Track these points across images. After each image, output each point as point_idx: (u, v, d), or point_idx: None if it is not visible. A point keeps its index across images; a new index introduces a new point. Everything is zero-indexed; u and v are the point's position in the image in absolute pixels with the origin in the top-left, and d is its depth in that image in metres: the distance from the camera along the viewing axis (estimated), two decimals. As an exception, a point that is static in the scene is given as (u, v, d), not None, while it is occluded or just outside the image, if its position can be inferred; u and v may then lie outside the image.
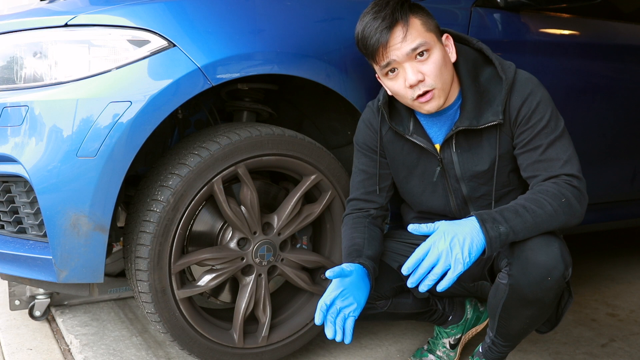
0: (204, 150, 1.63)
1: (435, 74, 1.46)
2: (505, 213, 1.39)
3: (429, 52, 1.45)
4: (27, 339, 2.13)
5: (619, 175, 2.40)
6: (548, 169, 1.47)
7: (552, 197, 1.41)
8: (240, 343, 1.80)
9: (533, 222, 1.39)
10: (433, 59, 1.45)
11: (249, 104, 1.89)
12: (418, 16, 1.47)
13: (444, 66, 1.47)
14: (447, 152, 1.57)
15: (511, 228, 1.37)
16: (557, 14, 2.19)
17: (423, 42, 1.44)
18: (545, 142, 1.47)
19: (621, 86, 2.32)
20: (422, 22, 1.47)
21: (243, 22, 1.62)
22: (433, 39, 1.47)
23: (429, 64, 1.45)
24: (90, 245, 1.54)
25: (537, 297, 1.42)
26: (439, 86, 1.47)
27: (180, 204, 1.62)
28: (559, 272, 1.39)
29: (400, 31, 1.44)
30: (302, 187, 1.81)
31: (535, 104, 1.48)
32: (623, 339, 2.15)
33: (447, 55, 1.50)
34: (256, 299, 1.82)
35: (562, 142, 1.48)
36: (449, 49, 1.52)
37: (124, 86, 1.50)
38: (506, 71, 1.51)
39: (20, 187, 1.57)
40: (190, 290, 1.71)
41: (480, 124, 1.50)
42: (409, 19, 1.44)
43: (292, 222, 1.82)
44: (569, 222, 1.43)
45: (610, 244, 3.48)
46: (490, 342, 1.64)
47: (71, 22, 1.54)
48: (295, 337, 1.90)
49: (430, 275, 1.32)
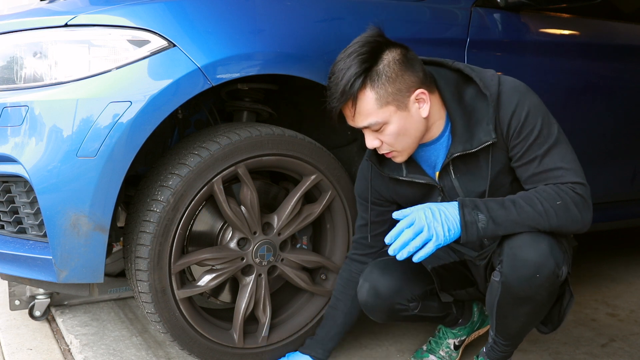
0: (204, 150, 1.63)
1: (392, 142, 1.46)
2: (490, 203, 1.41)
3: (384, 126, 1.44)
4: (27, 339, 2.13)
5: (619, 175, 2.40)
6: (548, 179, 1.45)
7: (546, 198, 1.41)
8: (240, 343, 1.80)
9: (518, 218, 1.39)
10: (389, 131, 1.45)
11: (249, 104, 1.89)
12: (375, 88, 1.41)
13: (403, 133, 1.45)
14: (447, 179, 1.56)
15: (491, 218, 1.39)
16: (557, 14, 2.19)
17: (374, 122, 1.43)
18: (540, 153, 1.45)
19: (621, 86, 2.32)
20: (377, 96, 1.41)
21: (243, 22, 1.62)
22: (389, 112, 1.43)
23: (385, 136, 1.46)
24: (90, 245, 1.54)
25: (528, 294, 1.42)
26: (399, 149, 1.48)
27: (180, 204, 1.62)
28: (548, 270, 1.39)
29: (350, 109, 1.44)
30: (302, 187, 1.81)
31: (524, 116, 1.44)
32: (623, 339, 2.15)
33: (412, 117, 1.45)
34: (256, 299, 1.82)
35: (559, 149, 1.45)
36: (423, 104, 1.46)
37: (124, 86, 1.50)
38: (489, 87, 1.46)
39: (20, 187, 1.57)
40: (190, 290, 1.71)
41: (474, 147, 1.47)
42: (358, 95, 1.41)
43: (292, 222, 1.82)
44: (564, 226, 1.42)
45: (610, 244, 3.48)
46: (492, 342, 1.64)
47: (71, 22, 1.54)
48: (295, 337, 1.90)
49: (411, 244, 1.38)
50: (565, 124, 1.51)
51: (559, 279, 1.42)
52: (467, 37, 1.92)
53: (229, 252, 1.76)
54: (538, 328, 1.61)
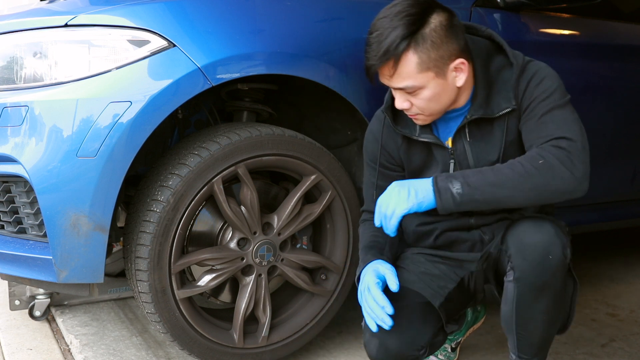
0: (204, 151, 1.63)
1: (423, 106, 1.43)
2: (467, 171, 1.40)
3: (419, 90, 1.41)
4: (27, 339, 2.13)
5: (619, 175, 2.40)
6: (540, 135, 1.39)
7: (527, 159, 1.36)
8: (240, 343, 1.80)
9: (495, 179, 1.35)
10: (422, 96, 1.42)
11: (249, 104, 1.89)
12: (418, 52, 1.38)
13: (436, 100, 1.43)
14: (460, 143, 1.52)
15: (467, 183, 1.36)
16: (557, 14, 2.19)
17: (410, 85, 1.40)
18: (544, 110, 1.41)
19: (621, 86, 2.31)
20: (420, 61, 1.38)
21: (243, 22, 1.62)
22: (427, 78, 1.40)
23: (417, 99, 1.43)
24: (90, 246, 1.54)
25: (544, 280, 1.39)
26: (427, 113, 1.45)
27: (180, 204, 1.62)
28: (557, 249, 1.37)
29: (390, 69, 1.40)
30: (302, 187, 1.81)
31: (540, 79, 1.43)
32: (623, 339, 2.15)
33: (448, 85, 1.43)
34: (256, 299, 1.82)
35: (564, 111, 1.41)
36: (460, 73, 1.43)
37: (124, 86, 1.50)
38: (517, 57, 1.47)
39: (20, 187, 1.57)
40: (190, 290, 1.71)
41: (495, 113, 1.45)
42: (401, 57, 1.38)
43: (292, 222, 1.82)
44: (551, 186, 1.34)
45: (610, 244, 3.48)
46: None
47: (71, 22, 1.54)
48: (295, 337, 1.90)
49: (381, 213, 1.42)
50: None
51: (567, 260, 1.40)
52: (467, 37, 1.92)
53: (229, 252, 1.76)
54: (556, 327, 1.53)
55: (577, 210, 2.30)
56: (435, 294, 1.59)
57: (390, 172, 1.64)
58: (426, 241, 1.64)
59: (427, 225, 1.61)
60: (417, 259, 1.65)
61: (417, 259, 1.65)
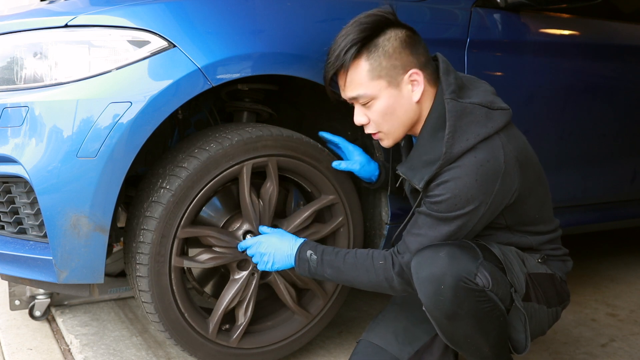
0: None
1: (379, 121, 1.44)
2: (328, 248, 1.58)
3: (373, 101, 1.41)
4: (27, 339, 2.13)
5: (619, 175, 2.40)
6: (406, 231, 1.48)
7: (375, 257, 1.50)
8: (214, 335, 1.76)
9: (340, 265, 1.53)
10: (376, 108, 1.42)
11: (249, 104, 1.89)
12: (370, 59, 1.38)
13: (390, 113, 1.42)
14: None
15: (321, 258, 1.55)
16: (557, 14, 2.19)
17: (362, 92, 1.41)
18: (422, 209, 1.43)
19: (621, 86, 2.32)
20: (370, 67, 1.39)
21: (243, 23, 1.62)
22: (379, 87, 1.40)
23: (371, 112, 1.43)
24: (90, 246, 1.54)
25: (450, 309, 1.34)
26: (385, 130, 1.45)
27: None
28: (451, 278, 1.32)
29: (342, 76, 1.42)
30: (319, 203, 1.81)
31: (451, 183, 1.36)
32: (623, 339, 2.15)
33: (403, 98, 1.41)
34: (242, 297, 1.79)
35: (431, 221, 1.41)
36: (415, 86, 1.41)
37: (124, 87, 1.50)
38: (455, 143, 1.35)
39: (20, 188, 1.57)
40: (189, 262, 1.69)
41: (411, 179, 1.45)
42: (352, 62, 1.39)
43: (299, 233, 1.79)
44: (365, 285, 1.51)
45: (610, 244, 3.48)
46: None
47: (71, 23, 1.54)
48: (266, 349, 1.85)
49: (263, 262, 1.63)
50: (565, 124, 1.51)
51: (473, 285, 1.33)
52: (467, 38, 1.92)
53: (232, 238, 1.74)
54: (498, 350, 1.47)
55: (577, 210, 2.30)
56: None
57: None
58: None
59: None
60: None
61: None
